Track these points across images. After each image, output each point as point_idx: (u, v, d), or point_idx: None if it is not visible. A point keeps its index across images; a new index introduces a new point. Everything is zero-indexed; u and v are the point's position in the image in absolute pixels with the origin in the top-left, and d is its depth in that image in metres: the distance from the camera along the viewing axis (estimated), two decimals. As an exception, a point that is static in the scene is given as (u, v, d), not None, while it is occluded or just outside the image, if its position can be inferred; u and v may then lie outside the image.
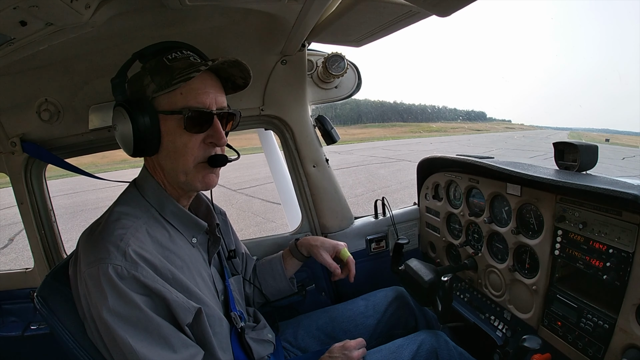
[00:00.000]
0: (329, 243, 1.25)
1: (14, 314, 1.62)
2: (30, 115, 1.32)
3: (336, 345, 1.11)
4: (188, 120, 0.83)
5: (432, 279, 1.20)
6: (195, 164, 0.87)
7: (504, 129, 48.58)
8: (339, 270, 1.22)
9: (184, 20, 1.13)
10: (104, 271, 0.75)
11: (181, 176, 0.87)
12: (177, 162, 0.86)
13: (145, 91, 0.85)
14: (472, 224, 1.45)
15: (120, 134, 0.85)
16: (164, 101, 0.84)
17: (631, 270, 0.87)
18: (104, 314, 0.74)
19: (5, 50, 0.86)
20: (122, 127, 0.84)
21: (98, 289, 0.75)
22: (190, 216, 0.93)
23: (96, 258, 0.76)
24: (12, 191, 1.43)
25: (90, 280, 0.76)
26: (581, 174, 1.11)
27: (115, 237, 0.78)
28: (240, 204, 8.24)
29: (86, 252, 0.80)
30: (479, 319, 1.40)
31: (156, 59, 0.87)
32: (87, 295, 0.78)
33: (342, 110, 22.92)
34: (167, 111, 0.84)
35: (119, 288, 0.75)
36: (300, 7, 0.99)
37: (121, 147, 0.90)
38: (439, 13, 0.88)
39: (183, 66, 0.85)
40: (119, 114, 0.84)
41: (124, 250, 0.77)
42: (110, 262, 0.75)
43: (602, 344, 0.94)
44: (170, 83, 0.83)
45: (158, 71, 0.85)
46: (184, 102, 0.84)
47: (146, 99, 0.84)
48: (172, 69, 0.85)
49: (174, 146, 0.85)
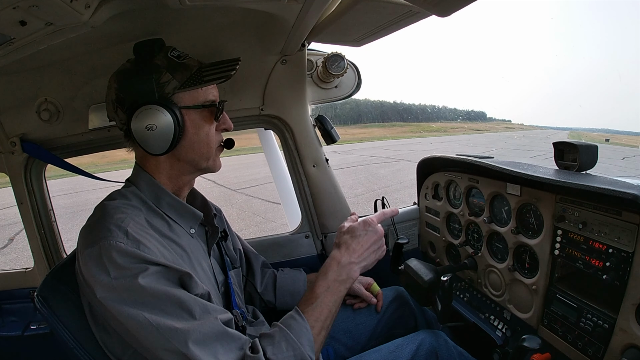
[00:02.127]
0: (362, 278, 1.36)
1: (14, 314, 1.62)
2: (30, 115, 1.32)
3: (352, 225, 1.03)
4: (217, 113, 0.94)
5: (431, 278, 1.20)
6: (214, 150, 0.96)
7: (504, 128, 48.60)
8: (374, 300, 1.32)
9: (184, 20, 1.13)
10: (106, 248, 0.74)
11: (203, 163, 0.95)
12: (200, 151, 0.93)
13: (164, 88, 0.87)
14: (471, 224, 1.45)
15: (159, 132, 0.85)
16: (185, 97, 0.89)
17: (631, 270, 0.87)
18: (109, 293, 0.72)
19: (5, 50, 0.86)
20: (162, 125, 0.85)
21: (101, 267, 0.73)
22: (186, 206, 0.95)
23: (97, 237, 0.76)
24: (12, 191, 1.44)
25: (90, 260, 0.75)
26: (581, 173, 1.11)
27: (116, 219, 0.79)
28: (240, 204, 8.24)
29: (85, 237, 0.80)
30: (478, 319, 1.40)
31: (163, 56, 0.89)
32: (89, 278, 0.75)
33: (342, 110, 22.92)
34: (191, 106, 0.90)
35: (124, 264, 0.73)
36: (300, 7, 0.99)
37: (148, 147, 0.88)
38: (439, 13, 0.87)
39: (195, 64, 0.91)
40: (155, 112, 0.84)
41: (125, 229, 0.77)
42: (113, 240, 0.75)
43: (601, 344, 0.94)
44: (201, 80, 0.88)
45: (175, 68, 0.88)
46: (204, 97, 0.92)
47: (166, 96, 0.87)
48: (187, 66, 0.90)
49: (198, 137, 0.92)
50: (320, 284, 0.94)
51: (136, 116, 0.85)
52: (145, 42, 0.91)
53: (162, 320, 0.72)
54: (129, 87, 0.88)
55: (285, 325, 0.86)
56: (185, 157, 0.93)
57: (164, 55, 0.89)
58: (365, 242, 1.01)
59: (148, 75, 0.87)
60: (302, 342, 0.83)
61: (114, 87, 0.89)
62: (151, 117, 0.85)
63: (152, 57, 0.89)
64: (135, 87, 0.87)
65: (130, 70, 0.90)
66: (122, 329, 0.75)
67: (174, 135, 0.86)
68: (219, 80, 0.89)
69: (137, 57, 0.91)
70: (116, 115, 0.91)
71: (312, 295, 0.93)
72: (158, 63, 0.88)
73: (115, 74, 0.91)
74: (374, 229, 1.03)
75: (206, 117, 0.93)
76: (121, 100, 0.88)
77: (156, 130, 0.85)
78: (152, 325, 0.71)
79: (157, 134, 0.85)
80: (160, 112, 0.85)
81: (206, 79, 0.89)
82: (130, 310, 0.72)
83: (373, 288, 1.36)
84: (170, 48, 0.92)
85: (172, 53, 0.91)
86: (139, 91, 0.86)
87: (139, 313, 0.72)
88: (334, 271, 0.96)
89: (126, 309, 0.72)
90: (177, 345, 0.71)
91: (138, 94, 0.86)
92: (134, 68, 0.89)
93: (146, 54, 0.89)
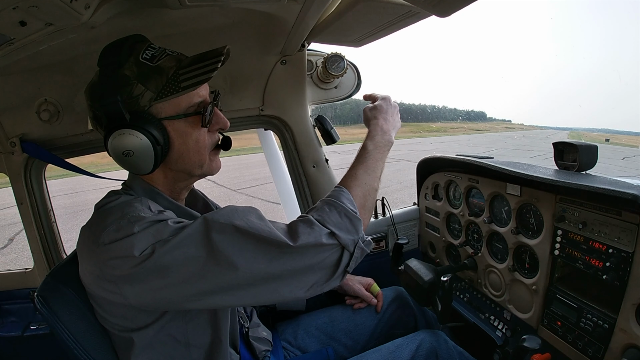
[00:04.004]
0: (362, 279, 1.38)
1: (13, 314, 1.62)
2: (30, 116, 1.31)
3: (378, 104, 1.06)
4: (204, 118, 0.82)
5: (431, 279, 1.20)
6: (208, 154, 0.88)
7: (503, 129, 48.59)
8: (374, 300, 1.32)
9: (184, 21, 1.13)
10: (136, 219, 0.71)
11: (196, 170, 0.87)
12: (191, 160, 0.85)
13: (138, 102, 0.77)
14: (471, 224, 1.45)
15: (137, 157, 0.77)
16: (165, 106, 0.79)
17: (631, 270, 0.87)
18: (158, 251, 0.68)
19: (5, 51, 0.86)
20: (139, 149, 0.76)
21: (135, 234, 0.69)
22: (184, 209, 0.91)
23: (121, 214, 0.73)
24: (12, 191, 1.43)
25: (120, 231, 0.70)
26: (581, 174, 1.11)
27: (135, 202, 0.78)
28: (241, 204, 8.24)
29: (102, 222, 0.74)
30: (478, 319, 1.40)
31: (133, 62, 0.78)
32: (123, 249, 0.69)
33: (342, 110, 22.88)
34: (173, 116, 0.80)
35: (160, 228, 0.70)
36: (300, 7, 0.99)
37: (132, 170, 0.83)
38: (439, 13, 0.87)
39: (172, 64, 0.80)
40: (128, 137, 0.76)
41: (148, 205, 0.77)
42: (140, 212, 0.74)
43: (601, 344, 0.94)
44: (178, 87, 0.78)
45: (148, 76, 0.77)
46: (187, 102, 0.81)
47: (142, 110, 0.78)
48: (162, 70, 0.78)
49: (186, 147, 0.83)
50: (363, 150, 0.95)
51: (111, 142, 0.77)
52: (110, 48, 0.79)
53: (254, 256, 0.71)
54: (99, 107, 0.78)
55: (326, 196, 0.86)
56: (176, 167, 0.86)
57: (135, 60, 0.78)
58: (392, 113, 1.07)
59: (113, 93, 0.76)
60: (343, 201, 0.82)
61: (87, 102, 0.81)
62: (125, 143, 0.76)
63: (119, 67, 0.77)
64: (103, 108, 0.77)
65: (97, 85, 0.79)
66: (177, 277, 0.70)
67: (155, 155, 0.78)
68: (199, 85, 0.79)
69: (102, 69, 0.79)
70: (97, 131, 0.84)
71: (351, 168, 0.93)
72: (127, 74, 0.77)
73: (87, 88, 0.82)
74: (393, 104, 1.09)
75: (193, 124, 0.83)
76: (97, 117, 0.81)
77: (134, 156, 0.77)
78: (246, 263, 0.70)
79: (136, 159, 0.78)
80: (133, 136, 0.76)
81: (183, 85, 0.78)
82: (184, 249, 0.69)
83: (373, 288, 1.36)
84: (144, 48, 0.80)
85: (145, 55, 0.79)
86: (106, 113, 0.77)
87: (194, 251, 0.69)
88: (379, 135, 0.98)
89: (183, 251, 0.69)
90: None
91: (107, 116, 0.77)
92: (101, 83, 0.78)
93: (112, 64, 0.78)
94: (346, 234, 0.78)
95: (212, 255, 0.69)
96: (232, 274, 0.70)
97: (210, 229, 0.70)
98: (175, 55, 0.82)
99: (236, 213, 0.75)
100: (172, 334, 0.81)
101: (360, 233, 0.80)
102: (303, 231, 0.74)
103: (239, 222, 0.72)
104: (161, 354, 0.82)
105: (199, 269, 0.70)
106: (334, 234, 0.76)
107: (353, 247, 0.78)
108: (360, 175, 0.90)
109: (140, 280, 0.69)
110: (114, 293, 0.72)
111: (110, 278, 0.71)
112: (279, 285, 0.74)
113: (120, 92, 0.76)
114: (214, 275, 0.70)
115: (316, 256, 0.75)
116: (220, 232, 0.70)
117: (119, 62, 0.77)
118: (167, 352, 0.82)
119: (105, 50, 0.80)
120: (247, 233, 0.71)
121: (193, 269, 0.69)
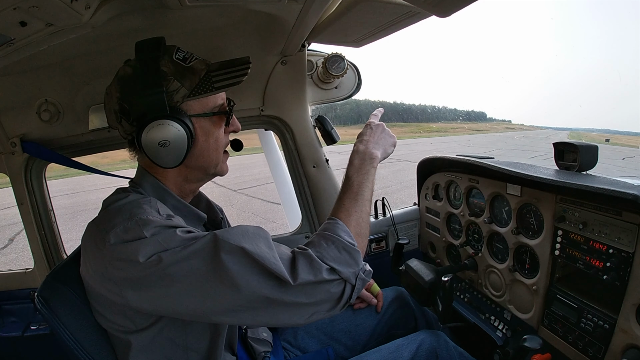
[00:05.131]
0: None
1: (14, 314, 1.62)
2: (30, 116, 1.32)
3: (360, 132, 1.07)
4: (228, 118, 0.90)
5: (432, 279, 1.20)
6: (222, 154, 0.93)
7: (504, 129, 48.59)
8: (375, 301, 1.32)
9: (184, 21, 1.13)
10: (145, 222, 0.72)
11: (212, 169, 0.92)
12: (210, 157, 0.90)
13: (173, 97, 0.81)
14: (472, 224, 1.45)
15: (173, 147, 0.80)
16: (194, 104, 0.84)
17: (631, 271, 0.87)
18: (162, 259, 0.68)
19: (5, 51, 0.86)
20: (177, 140, 0.80)
21: (143, 239, 0.70)
22: (191, 208, 0.93)
23: (130, 214, 0.74)
24: (12, 191, 1.44)
25: (128, 233, 0.71)
26: (581, 174, 1.11)
27: (144, 202, 0.79)
28: (241, 204, 8.24)
29: (109, 220, 0.75)
30: (479, 319, 1.40)
31: (168, 60, 0.82)
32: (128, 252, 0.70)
33: (342, 111, 22.87)
34: (201, 114, 0.85)
35: (168, 236, 0.71)
36: (300, 8, 0.99)
37: (161, 161, 0.83)
38: (439, 13, 0.87)
39: (202, 67, 0.85)
40: (168, 127, 0.79)
41: (156, 207, 0.78)
42: (148, 214, 0.74)
43: (602, 344, 0.94)
44: (212, 87, 0.83)
45: (183, 74, 0.81)
46: (213, 102, 0.87)
47: (175, 105, 0.81)
48: (195, 70, 0.83)
49: (208, 145, 0.88)
50: (346, 179, 0.97)
51: (147, 132, 0.79)
52: (148, 44, 0.82)
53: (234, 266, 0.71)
54: (135, 98, 0.80)
55: (321, 230, 0.87)
56: (194, 164, 0.89)
57: (169, 58, 0.82)
58: (374, 131, 1.06)
59: (156, 85, 0.79)
60: (339, 234, 0.82)
61: (115, 96, 0.82)
62: (164, 133, 0.79)
63: (158, 62, 0.80)
64: (143, 99, 0.79)
65: (133, 77, 0.81)
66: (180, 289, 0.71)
67: (187, 148, 0.82)
68: (231, 86, 0.85)
69: (140, 62, 0.81)
70: (119, 125, 0.85)
71: (339, 199, 0.94)
72: (164, 69, 0.80)
73: (117, 80, 0.83)
74: (374, 126, 1.08)
75: (216, 123, 0.88)
76: (125, 111, 0.82)
77: (170, 146, 0.80)
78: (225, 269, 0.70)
79: (171, 149, 0.80)
80: (173, 127, 0.79)
81: (217, 85, 0.84)
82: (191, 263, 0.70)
83: (373, 289, 1.36)
84: (175, 49, 0.84)
85: (177, 55, 0.83)
86: (147, 103, 0.79)
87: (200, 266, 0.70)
88: (355, 159, 0.99)
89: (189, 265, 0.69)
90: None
91: (146, 107, 0.79)
92: (139, 75, 0.80)
93: (150, 59, 0.80)
94: (347, 267, 0.78)
95: (217, 273, 0.70)
96: (234, 295, 0.71)
97: (220, 249, 0.71)
98: (203, 60, 0.87)
99: (247, 236, 0.75)
100: (171, 337, 0.81)
101: (360, 264, 0.81)
102: (303, 268, 0.74)
103: (249, 246, 0.72)
104: (159, 356, 0.82)
105: (203, 284, 0.70)
106: (335, 270, 0.77)
107: (354, 279, 0.79)
108: (349, 204, 0.91)
109: (143, 286, 0.70)
110: (115, 294, 0.73)
111: (114, 279, 0.72)
112: (279, 312, 0.75)
113: (158, 85, 0.79)
114: (216, 294, 0.71)
115: (317, 293, 0.76)
116: (229, 253, 0.71)
117: (157, 58, 0.80)
118: (165, 355, 0.82)
119: (141, 45, 0.82)
120: (255, 260, 0.72)
121: (197, 283, 0.70)
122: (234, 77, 0.85)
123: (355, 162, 0.99)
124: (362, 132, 1.07)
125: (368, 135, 1.05)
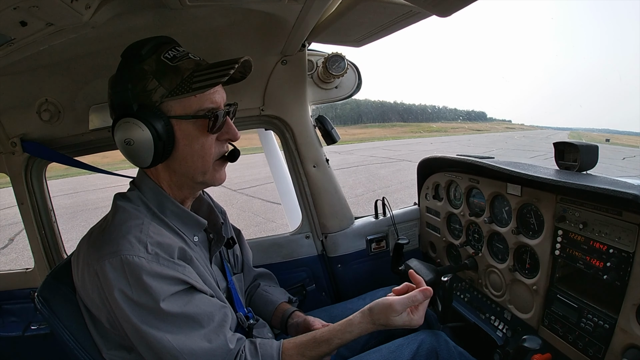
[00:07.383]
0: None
1: (14, 314, 1.63)
2: (30, 116, 1.32)
3: (389, 301, 0.92)
4: (211, 123, 0.83)
5: (432, 279, 1.20)
6: (212, 162, 0.88)
7: (504, 129, 48.55)
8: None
9: (184, 21, 1.13)
10: (129, 263, 0.75)
11: (199, 177, 0.88)
12: (194, 164, 0.86)
13: (151, 96, 0.79)
14: (472, 224, 1.45)
15: (137, 147, 0.80)
16: (175, 105, 0.81)
17: (631, 270, 0.87)
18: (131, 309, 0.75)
19: (5, 51, 0.86)
20: (140, 139, 0.78)
21: (123, 281, 0.75)
22: (190, 215, 0.93)
23: (117, 249, 0.76)
24: (12, 191, 1.44)
25: (112, 272, 0.75)
26: (581, 174, 1.11)
27: (135, 228, 0.79)
28: (241, 204, 8.24)
29: (101, 247, 0.78)
30: (479, 319, 1.40)
31: (154, 59, 0.81)
32: (108, 289, 0.76)
33: (343, 111, 22.88)
34: (182, 116, 0.82)
35: (147, 283, 0.75)
36: (301, 7, 0.99)
37: (131, 160, 0.84)
38: (439, 13, 0.87)
39: (190, 67, 0.82)
40: (132, 126, 0.78)
41: (145, 242, 0.78)
42: (134, 254, 0.76)
43: (602, 344, 0.94)
44: (190, 88, 0.80)
45: (164, 73, 0.80)
46: (198, 105, 0.83)
47: (153, 105, 0.80)
48: (179, 70, 0.81)
49: (191, 150, 0.84)
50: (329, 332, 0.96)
51: (116, 129, 0.81)
52: (135, 44, 0.83)
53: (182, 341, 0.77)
54: (114, 95, 0.82)
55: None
56: (179, 169, 0.87)
57: (156, 58, 0.81)
58: (394, 322, 0.92)
59: (125, 83, 0.80)
60: None
61: (108, 91, 0.85)
62: (128, 131, 0.79)
63: (140, 61, 0.80)
64: (116, 96, 0.81)
65: (115, 74, 0.83)
66: (142, 342, 0.78)
67: (155, 149, 0.80)
68: (208, 87, 0.81)
69: (122, 61, 0.83)
70: None
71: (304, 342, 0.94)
72: (145, 68, 0.80)
73: (110, 77, 0.85)
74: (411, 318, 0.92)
75: (201, 128, 0.84)
76: (112, 106, 0.84)
77: (134, 145, 0.80)
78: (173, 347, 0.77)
79: (136, 149, 0.80)
80: (136, 126, 0.78)
81: (195, 87, 0.80)
82: (154, 333, 0.76)
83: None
84: (168, 48, 0.83)
85: (167, 54, 0.82)
86: (119, 101, 0.81)
87: (163, 336, 0.76)
88: (341, 325, 0.97)
89: (148, 329, 0.76)
90: None
91: (119, 104, 0.81)
92: (117, 73, 0.83)
93: (132, 57, 0.81)
94: None
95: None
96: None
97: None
98: (196, 60, 0.84)
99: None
100: None
101: None
102: None
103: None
104: None
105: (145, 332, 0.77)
106: None
107: None
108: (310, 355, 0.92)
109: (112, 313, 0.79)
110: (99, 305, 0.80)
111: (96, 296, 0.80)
112: None
113: (133, 83, 0.79)
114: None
115: None
116: None
117: (140, 56, 0.80)
118: None
119: (130, 44, 0.83)
120: None
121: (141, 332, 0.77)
122: (214, 77, 0.80)
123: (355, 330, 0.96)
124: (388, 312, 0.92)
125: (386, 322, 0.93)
